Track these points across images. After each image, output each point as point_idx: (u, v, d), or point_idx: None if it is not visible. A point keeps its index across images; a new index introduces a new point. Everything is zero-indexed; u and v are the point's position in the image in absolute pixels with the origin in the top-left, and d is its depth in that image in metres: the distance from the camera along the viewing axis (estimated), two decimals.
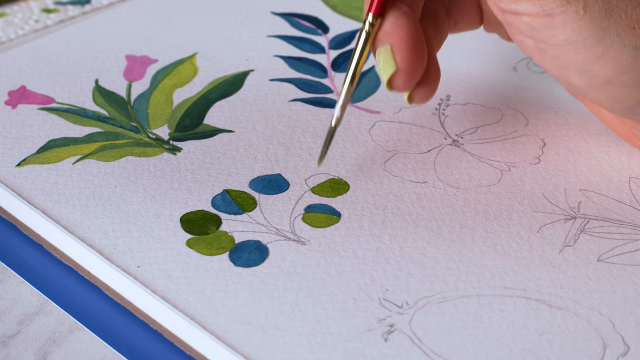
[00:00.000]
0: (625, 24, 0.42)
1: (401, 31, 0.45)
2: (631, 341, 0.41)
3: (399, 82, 0.45)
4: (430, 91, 0.46)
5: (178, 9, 0.61)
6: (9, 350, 0.42)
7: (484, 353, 0.40)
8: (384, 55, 0.45)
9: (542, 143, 0.51)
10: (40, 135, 0.51)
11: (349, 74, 0.46)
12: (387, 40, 0.45)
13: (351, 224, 0.46)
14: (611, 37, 0.42)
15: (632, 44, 0.42)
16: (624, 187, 0.48)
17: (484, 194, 0.48)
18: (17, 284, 0.45)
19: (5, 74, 0.55)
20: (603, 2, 0.42)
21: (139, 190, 0.48)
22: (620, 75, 0.43)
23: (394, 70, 0.45)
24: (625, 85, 0.43)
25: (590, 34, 0.42)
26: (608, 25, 0.42)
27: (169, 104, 0.53)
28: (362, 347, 0.41)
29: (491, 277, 0.43)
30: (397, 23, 0.45)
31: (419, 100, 0.46)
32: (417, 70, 0.45)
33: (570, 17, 0.42)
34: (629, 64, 0.42)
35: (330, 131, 0.47)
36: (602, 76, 0.43)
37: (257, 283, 0.43)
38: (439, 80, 0.46)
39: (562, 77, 0.44)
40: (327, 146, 0.47)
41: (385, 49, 0.45)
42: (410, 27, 0.45)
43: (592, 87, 0.44)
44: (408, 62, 0.44)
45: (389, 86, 0.45)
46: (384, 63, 0.45)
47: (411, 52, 0.44)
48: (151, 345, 0.42)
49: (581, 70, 0.43)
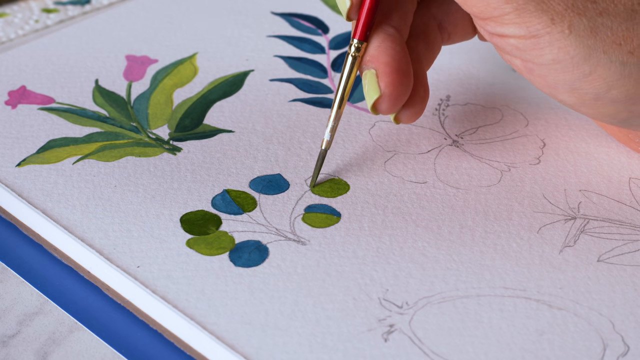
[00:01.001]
0: (612, 40, 0.42)
1: (385, 55, 0.45)
2: (631, 341, 0.41)
3: (383, 107, 0.45)
4: (417, 112, 0.46)
5: (178, 9, 0.61)
6: (9, 350, 0.42)
7: (484, 353, 0.40)
8: (369, 80, 0.45)
9: (542, 143, 0.51)
10: (40, 135, 0.51)
11: (337, 98, 0.46)
12: (372, 65, 0.45)
13: (351, 224, 0.46)
14: (598, 54, 0.42)
15: (618, 60, 0.42)
16: (624, 187, 0.48)
17: (484, 194, 0.48)
18: (17, 284, 0.45)
19: (5, 74, 0.55)
20: (588, 21, 0.42)
21: (139, 190, 0.48)
22: (609, 92, 0.43)
23: (378, 96, 0.45)
24: (614, 101, 0.43)
25: (577, 53, 0.42)
26: (594, 43, 0.42)
27: (169, 104, 0.53)
28: (362, 347, 0.41)
29: (491, 278, 0.43)
30: (381, 47, 0.45)
31: (406, 120, 0.46)
32: (401, 94, 0.45)
33: (556, 37, 0.42)
34: (617, 80, 0.42)
35: (320, 154, 0.48)
36: (591, 93, 0.43)
37: (257, 283, 0.43)
38: (426, 100, 0.46)
39: (551, 94, 0.44)
40: (318, 169, 0.48)
41: (371, 74, 0.45)
42: (396, 50, 0.45)
43: (582, 103, 0.44)
44: (392, 88, 0.45)
45: (374, 110, 0.45)
46: (368, 88, 0.45)
47: (395, 77, 0.45)
48: (151, 345, 0.42)
49: (570, 88, 0.43)
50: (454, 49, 0.57)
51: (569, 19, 0.42)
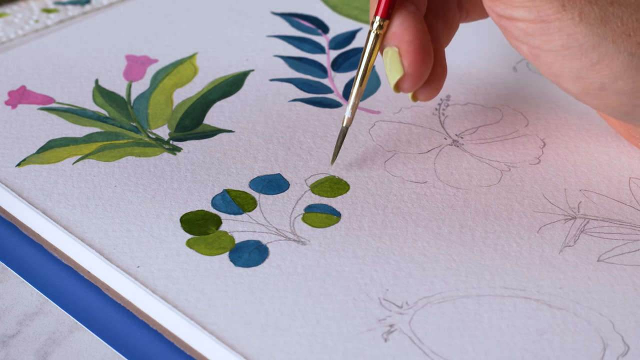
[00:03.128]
0: (621, 31, 0.42)
1: (408, 34, 0.45)
2: (631, 341, 0.41)
3: (406, 86, 0.45)
4: (435, 89, 0.46)
5: (178, 9, 0.61)
6: (9, 350, 0.42)
7: (484, 353, 0.40)
8: (392, 59, 0.45)
9: (542, 143, 0.51)
10: (40, 135, 0.51)
11: (358, 75, 0.47)
12: (395, 43, 0.45)
13: (351, 224, 0.46)
14: (607, 44, 0.42)
15: (627, 51, 0.42)
16: (624, 187, 0.48)
17: (484, 194, 0.48)
18: (17, 284, 0.45)
19: (5, 74, 0.55)
20: (599, 9, 0.42)
21: (139, 190, 0.48)
22: (615, 82, 0.43)
23: (401, 75, 0.45)
24: (619, 92, 0.43)
25: (586, 40, 0.42)
26: (604, 32, 0.42)
27: (169, 104, 0.53)
28: (362, 347, 0.40)
29: (491, 277, 0.43)
30: (404, 24, 0.45)
31: (423, 98, 0.47)
32: (423, 73, 0.45)
33: (566, 23, 0.42)
34: (624, 71, 0.42)
35: (342, 131, 0.48)
36: (597, 83, 0.43)
37: (257, 283, 0.43)
38: (444, 78, 0.47)
39: (556, 82, 0.44)
40: (339, 146, 0.48)
41: (393, 52, 0.45)
42: (418, 28, 0.45)
43: (586, 93, 0.44)
44: (415, 66, 0.45)
45: (396, 89, 0.46)
46: (391, 67, 0.45)
47: (418, 56, 0.45)
48: (151, 345, 0.42)
49: (576, 76, 0.43)
50: (454, 49, 0.57)
51: (580, 6, 0.41)
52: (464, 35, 0.56)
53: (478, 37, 0.58)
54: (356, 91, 0.47)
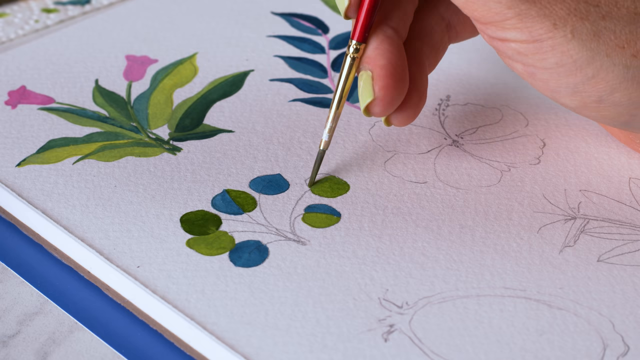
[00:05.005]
0: (615, 44, 0.42)
1: (382, 58, 0.45)
2: (631, 341, 0.41)
3: (375, 110, 0.45)
4: (409, 116, 0.46)
5: (178, 9, 0.61)
6: (9, 350, 0.42)
7: (484, 353, 0.40)
8: (364, 82, 0.45)
9: (542, 143, 0.51)
10: (40, 135, 0.51)
11: (335, 99, 0.46)
12: (369, 67, 0.45)
13: (351, 224, 0.46)
14: (601, 57, 0.42)
15: (622, 63, 0.42)
16: (624, 187, 0.48)
17: (484, 194, 0.48)
18: (17, 284, 0.45)
19: (5, 74, 0.55)
20: (591, 25, 0.42)
21: (139, 190, 0.48)
22: (612, 95, 0.43)
23: (371, 99, 0.45)
24: (617, 104, 0.43)
25: (580, 56, 0.42)
26: (597, 47, 0.42)
27: (169, 104, 0.53)
28: (362, 347, 0.41)
29: (491, 278, 0.43)
30: (379, 49, 0.45)
31: (397, 124, 0.46)
32: (394, 99, 0.45)
33: (559, 41, 0.42)
34: (620, 83, 0.42)
35: (319, 154, 0.48)
36: (594, 96, 0.43)
37: (257, 283, 0.43)
38: (422, 105, 0.46)
39: (553, 98, 0.44)
40: (317, 169, 0.48)
41: (367, 75, 0.45)
42: (393, 53, 0.45)
43: (584, 106, 0.44)
44: (385, 91, 0.45)
45: (367, 113, 0.45)
46: (362, 90, 0.45)
47: (390, 81, 0.44)
48: (151, 345, 0.42)
49: (572, 91, 0.43)
50: (454, 49, 0.57)
51: (572, 24, 0.42)
52: None
53: (478, 37, 0.58)
54: (333, 115, 0.47)
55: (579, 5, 0.42)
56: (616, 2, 0.42)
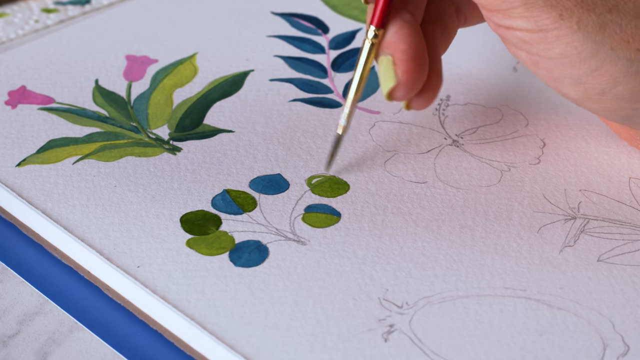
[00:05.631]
0: (620, 37, 0.42)
1: (403, 43, 0.45)
2: (631, 341, 0.41)
3: (399, 95, 0.45)
4: (430, 98, 0.46)
5: (178, 9, 0.61)
6: (9, 350, 0.42)
7: (484, 353, 0.40)
8: (385, 67, 0.45)
9: (542, 143, 0.51)
10: (40, 135, 0.51)
11: (354, 83, 0.46)
12: (389, 51, 0.45)
13: (351, 224, 0.46)
14: (605, 50, 0.42)
15: (626, 57, 0.42)
16: (624, 187, 0.48)
17: (484, 194, 0.48)
18: (17, 284, 0.45)
19: (5, 74, 0.55)
20: (597, 17, 0.42)
21: (139, 190, 0.48)
22: (615, 88, 0.43)
23: (394, 84, 0.45)
24: (619, 97, 0.43)
25: (584, 48, 0.42)
26: (602, 39, 0.42)
27: (169, 104, 0.53)
28: (362, 347, 0.41)
29: (491, 278, 0.43)
30: (399, 33, 0.45)
31: (418, 107, 0.46)
32: (417, 82, 0.45)
33: (564, 32, 0.42)
34: (623, 77, 0.42)
35: (337, 139, 0.48)
36: (596, 88, 0.43)
37: (257, 283, 0.43)
38: (440, 86, 0.46)
39: (556, 88, 0.44)
40: (334, 154, 0.48)
41: (387, 60, 0.45)
42: (413, 37, 0.45)
43: (586, 98, 0.44)
44: (408, 76, 0.45)
45: (389, 98, 0.45)
46: (384, 75, 0.45)
47: (412, 65, 0.44)
48: (151, 345, 0.42)
49: (575, 82, 0.43)
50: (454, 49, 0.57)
51: (578, 15, 0.42)
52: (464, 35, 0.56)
53: (478, 37, 0.58)
54: (352, 99, 0.47)
55: None
56: None
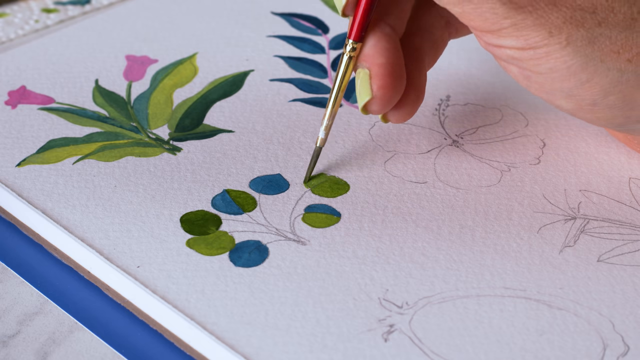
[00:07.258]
0: (609, 49, 0.42)
1: (380, 56, 0.45)
2: (631, 341, 0.41)
3: (373, 108, 0.45)
4: (407, 113, 0.46)
5: (178, 9, 0.61)
6: (9, 350, 0.42)
7: (484, 353, 0.40)
8: (362, 81, 0.45)
9: (542, 143, 0.51)
10: (40, 135, 0.51)
11: (332, 97, 0.47)
12: (366, 65, 0.45)
13: (351, 224, 0.46)
14: (595, 63, 0.42)
15: (616, 68, 0.42)
16: (624, 187, 0.48)
17: (484, 194, 0.48)
18: (17, 284, 0.45)
19: (5, 74, 0.55)
20: (586, 32, 0.42)
21: (139, 190, 0.48)
22: (606, 98, 0.43)
23: (369, 98, 0.45)
24: (611, 107, 0.43)
25: (574, 62, 0.42)
26: (592, 53, 0.42)
27: (169, 104, 0.53)
28: (362, 347, 0.41)
29: (491, 278, 0.43)
30: (377, 46, 0.45)
31: (394, 121, 0.47)
32: (393, 97, 0.45)
33: (554, 48, 0.42)
34: (614, 87, 0.42)
35: (315, 151, 0.48)
36: (587, 100, 0.43)
37: (257, 283, 0.43)
38: (419, 102, 0.46)
39: (549, 100, 0.44)
40: (312, 166, 0.48)
41: (364, 73, 0.45)
42: (391, 52, 0.45)
43: (579, 109, 0.44)
44: (383, 91, 0.45)
45: (364, 111, 0.45)
46: (360, 88, 0.45)
47: (388, 80, 0.45)
48: (151, 345, 0.42)
49: (567, 95, 0.43)
50: (454, 49, 0.57)
51: (567, 31, 0.42)
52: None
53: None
54: (329, 113, 0.47)
55: (575, 13, 0.42)
56: (612, 7, 0.42)
